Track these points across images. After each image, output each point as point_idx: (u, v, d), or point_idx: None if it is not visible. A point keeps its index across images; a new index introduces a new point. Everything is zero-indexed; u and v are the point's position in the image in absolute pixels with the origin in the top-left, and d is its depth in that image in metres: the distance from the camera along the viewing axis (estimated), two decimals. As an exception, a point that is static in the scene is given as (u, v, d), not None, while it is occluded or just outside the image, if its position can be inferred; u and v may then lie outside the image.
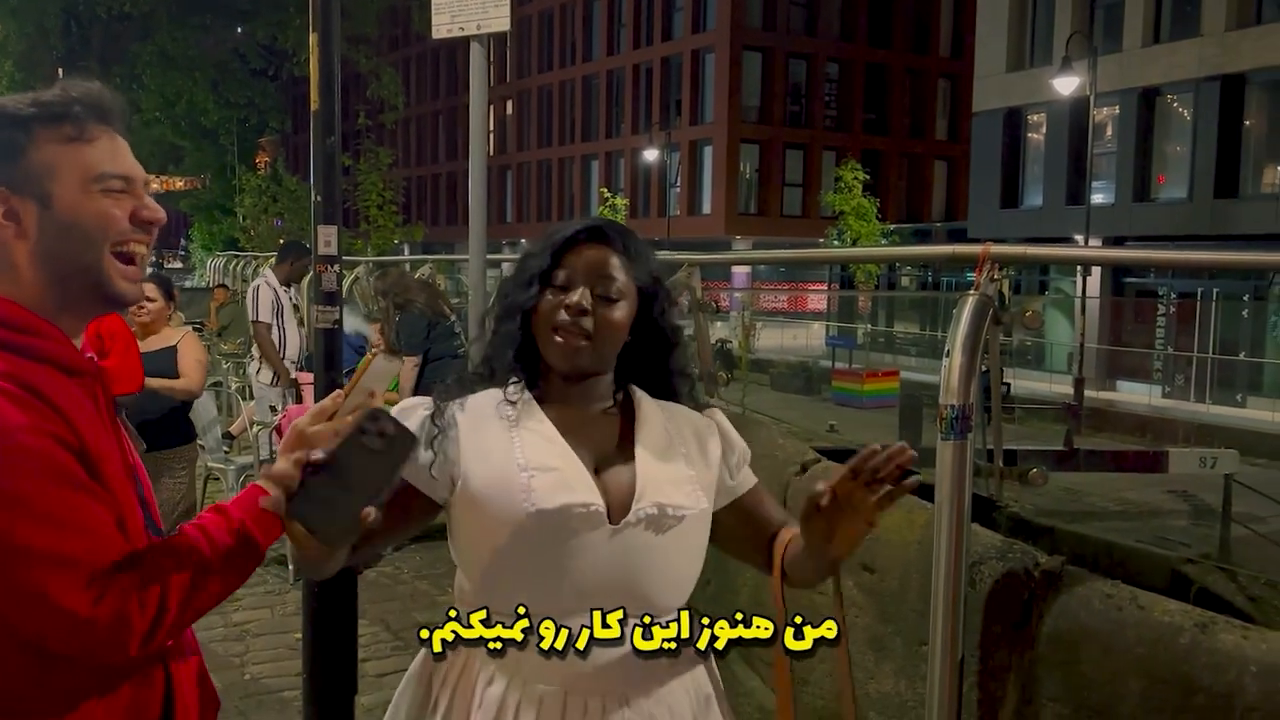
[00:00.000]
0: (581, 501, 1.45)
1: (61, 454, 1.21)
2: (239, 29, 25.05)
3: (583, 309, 1.50)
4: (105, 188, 1.31)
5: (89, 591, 1.18)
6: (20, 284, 1.29)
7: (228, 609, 5.04)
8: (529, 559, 1.46)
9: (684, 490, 1.54)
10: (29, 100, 1.31)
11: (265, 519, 1.31)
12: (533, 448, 1.49)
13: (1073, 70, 18.71)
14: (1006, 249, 2.45)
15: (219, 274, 20.39)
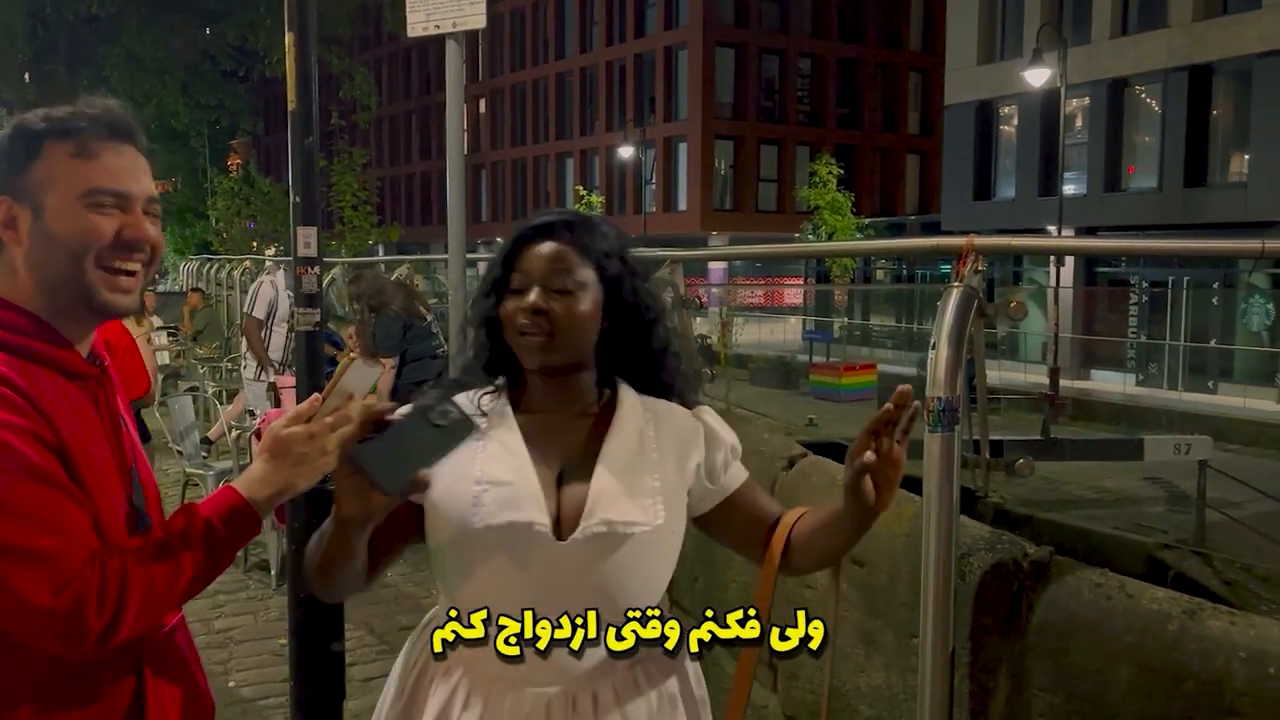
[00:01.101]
0: (526, 520, 1.48)
1: (38, 452, 1.23)
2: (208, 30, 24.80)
3: (537, 308, 1.51)
4: (94, 203, 1.35)
5: (50, 585, 1.20)
6: (18, 287, 1.35)
7: (210, 616, 5.01)
8: (483, 569, 1.50)
9: (640, 504, 1.53)
10: (42, 115, 1.37)
11: (235, 522, 1.36)
12: (493, 460, 1.52)
13: (1043, 62, 18.85)
14: (990, 241, 2.45)
15: (193, 278, 20.22)
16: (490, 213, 46.75)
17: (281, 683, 4.10)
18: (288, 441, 1.40)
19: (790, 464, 3.10)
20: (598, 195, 35.24)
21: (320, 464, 1.42)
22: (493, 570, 1.50)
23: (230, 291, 15.74)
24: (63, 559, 1.22)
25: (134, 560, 1.27)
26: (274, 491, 1.41)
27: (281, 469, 1.41)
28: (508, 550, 1.49)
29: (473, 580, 1.52)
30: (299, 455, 1.41)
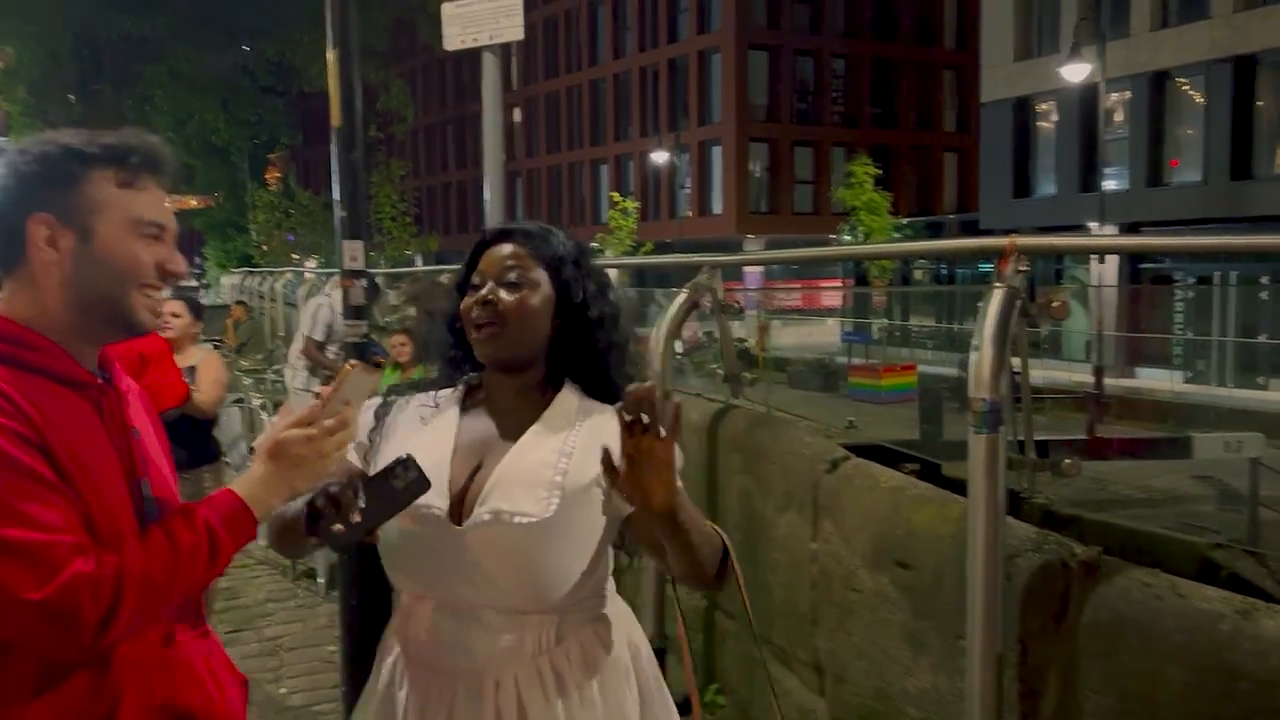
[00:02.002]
0: (424, 504, 1.55)
1: (20, 449, 1.26)
2: (247, 47, 25.17)
3: (486, 300, 1.62)
4: (143, 233, 1.42)
5: (37, 578, 1.22)
6: (41, 303, 1.39)
7: (260, 624, 5.08)
8: (397, 548, 1.63)
9: (535, 495, 1.58)
10: (93, 140, 1.40)
11: (234, 523, 1.39)
12: (419, 446, 1.59)
13: (1081, 57, 18.63)
14: (1032, 240, 2.44)
15: (235, 291, 20.51)
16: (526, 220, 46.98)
17: (331, 689, 4.15)
18: (287, 445, 1.44)
19: (833, 467, 3.10)
20: (633, 200, 35.25)
21: (318, 467, 1.46)
22: (402, 550, 1.63)
23: (272, 303, 15.96)
24: (48, 552, 1.24)
25: (131, 556, 1.30)
26: (273, 494, 1.44)
27: (281, 472, 1.44)
28: (412, 531, 1.59)
29: (390, 558, 1.66)
30: (297, 459, 1.44)
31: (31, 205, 1.37)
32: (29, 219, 1.36)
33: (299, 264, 25.13)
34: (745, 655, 3.57)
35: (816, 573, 3.08)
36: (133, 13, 21.20)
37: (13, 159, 1.40)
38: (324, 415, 1.45)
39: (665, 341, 3.75)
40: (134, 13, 21.21)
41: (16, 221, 1.37)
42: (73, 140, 1.40)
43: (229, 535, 1.38)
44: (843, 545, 2.94)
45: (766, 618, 3.41)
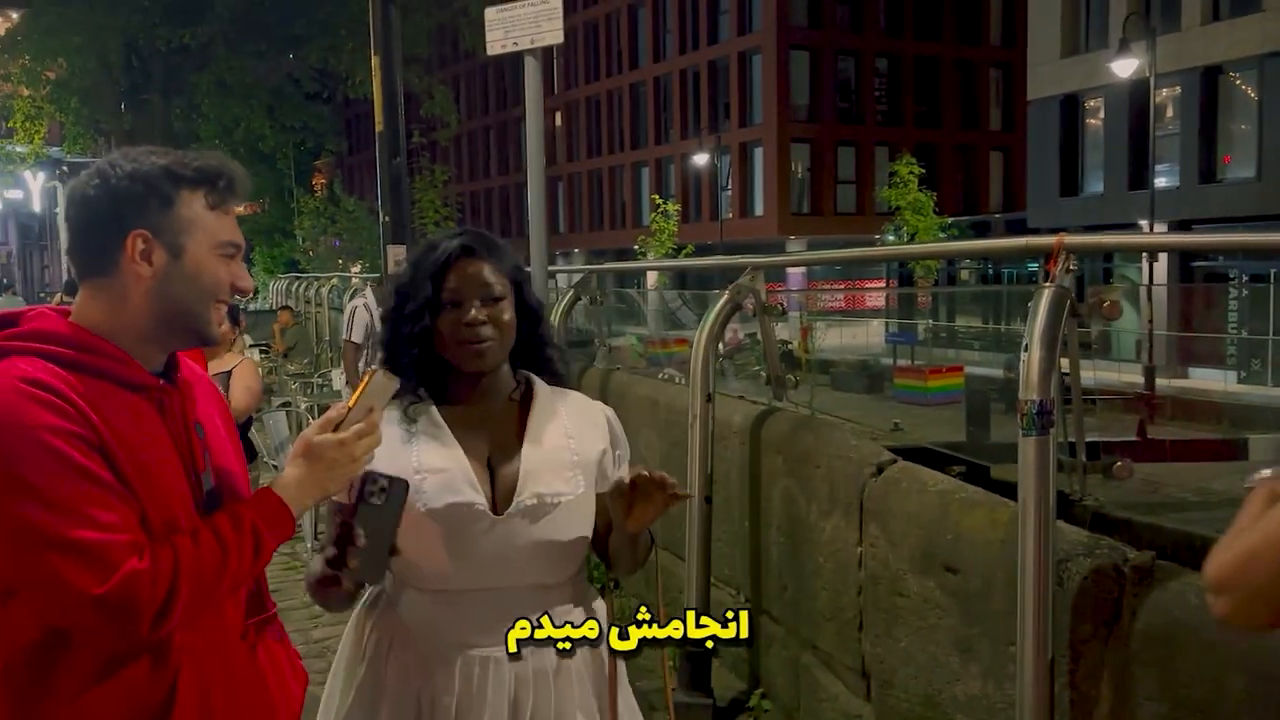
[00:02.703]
0: (466, 500, 1.71)
1: (78, 451, 1.33)
2: (292, 55, 25.49)
3: (480, 320, 1.73)
4: (223, 253, 1.52)
5: (97, 574, 1.30)
6: (123, 310, 1.48)
7: (307, 626, 5.12)
8: (430, 549, 1.72)
9: (564, 477, 1.77)
10: (186, 162, 1.50)
11: (273, 520, 1.47)
12: (427, 451, 1.74)
13: (1130, 52, 18.34)
14: (1081, 239, 2.40)
15: (282, 296, 20.77)
16: (568, 224, 47.15)
17: (378, 691, 4.18)
18: (320, 448, 1.51)
19: (879, 470, 3.07)
20: (674, 203, 35.27)
21: (349, 470, 1.54)
22: (440, 549, 1.72)
23: (318, 308, 16.14)
24: (106, 550, 1.32)
25: (184, 552, 1.37)
26: (307, 494, 1.52)
27: (314, 473, 1.52)
28: (450, 529, 1.71)
29: (420, 557, 1.74)
30: (330, 461, 1.52)
31: (132, 221, 1.45)
32: (128, 233, 1.44)
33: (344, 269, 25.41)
34: (791, 660, 3.55)
35: (863, 577, 3.05)
36: (182, 23, 21.57)
37: (106, 173, 1.46)
38: (350, 420, 1.54)
39: (706, 344, 3.74)
40: (183, 23, 21.57)
41: (115, 235, 1.45)
42: (168, 161, 1.49)
43: (270, 533, 1.47)
44: (889, 549, 2.91)
45: (811, 622, 3.38)
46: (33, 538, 1.31)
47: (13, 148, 24.41)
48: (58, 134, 25.66)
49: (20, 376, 1.35)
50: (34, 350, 1.40)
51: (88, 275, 1.48)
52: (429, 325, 1.74)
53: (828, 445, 3.35)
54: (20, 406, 1.32)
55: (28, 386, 1.34)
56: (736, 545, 3.91)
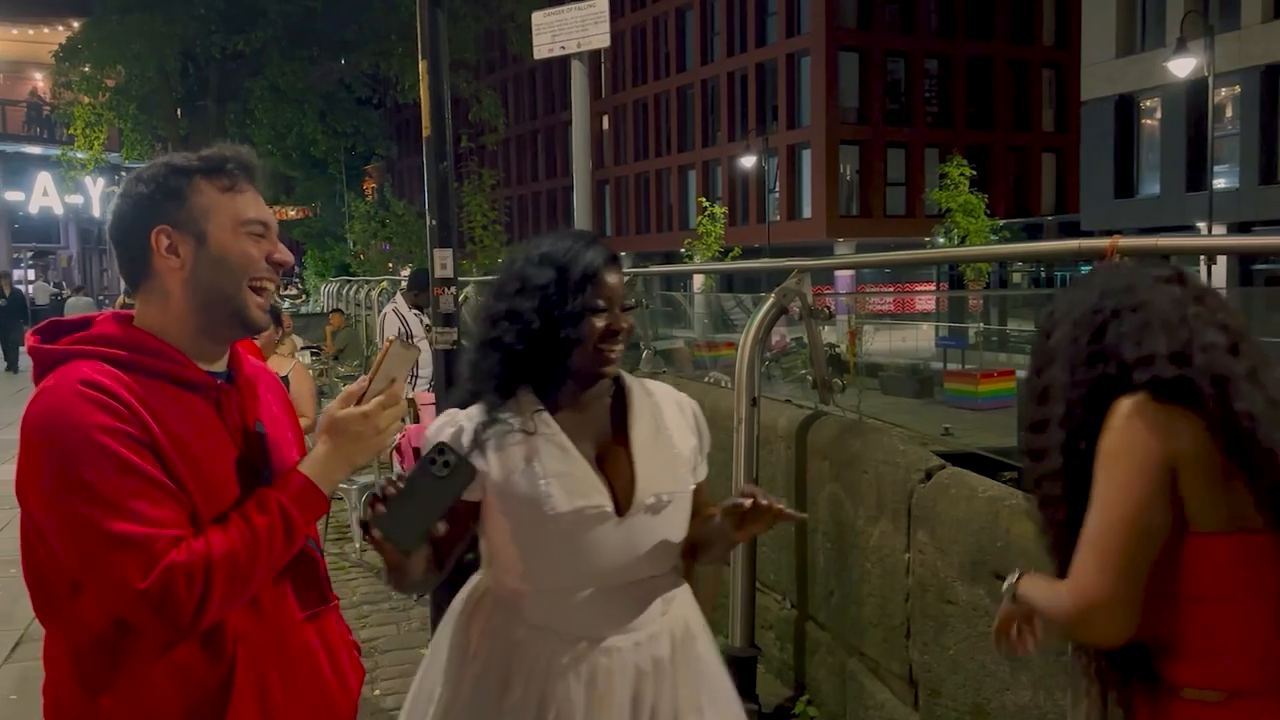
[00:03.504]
0: (593, 504, 1.76)
1: (128, 448, 1.39)
2: (343, 60, 25.81)
3: (622, 327, 1.81)
4: (249, 231, 1.56)
5: (140, 568, 1.36)
6: (170, 308, 1.54)
7: (354, 625, 5.17)
8: (554, 551, 1.77)
9: (675, 474, 1.85)
10: (193, 156, 1.57)
11: (302, 499, 1.50)
12: (549, 457, 1.77)
13: (1188, 51, 17.99)
14: (1136, 241, 2.35)
15: (333, 299, 21.03)
16: (614, 227, 47.26)
17: (424, 691, 4.20)
18: (345, 422, 1.54)
19: (928, 476, 3.03)
20: (720, 206, 35.19)
21: (375, 442, 1.56)
22: (565, 551, 1.76)
23: (369, 311, 16.32)
24: (151, 545, 1.37)
25: (215, 542, 1.41)
26: (335, 469, 1.55)
27: (341, 448, 1.54)
28: (575, 532, 1.75)
29: (546, 562, 1.78)
30: (355, 434, 1.54)
31: (151, 221, 1.52)
32: (151, 232, 1.52)
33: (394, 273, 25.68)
34: (837, 667, 3.51)
35: (910, 584, 3.01)
36: (237, 31, 21.95)
37: (128, 188, 1.56)
38: (372, 392, 1.55)
39: (752, 347, 3.72)
40: (238, 31, 21.95)
41: (141, 239, 1.52)
42: (175, 159, 1.57)
43: (300, 513, 1.50)
44: (938, 556, 2.87)
45: (858, 628, 3.34)
46: (86, 531, 1.37)
47: (73, 154, 24.94)
48: (116, 140, 26.19)
49: (80, 379, 1.42)
50: (95, 354, 1.48)
51: (135, 283, 1.56)
52: (585, 332, 1.77)
53: (875, 450, 3.31)
54: (77, 407, 1.39)
55: (85, 388, 1.41)
56: (782, 550, 3.89)
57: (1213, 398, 1.35)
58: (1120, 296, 1.45)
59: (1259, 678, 1.39)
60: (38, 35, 30.71)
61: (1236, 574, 1.37)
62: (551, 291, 1.77)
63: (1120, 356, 1.41)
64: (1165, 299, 1.43)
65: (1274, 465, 1.34)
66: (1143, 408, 1.37)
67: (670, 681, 1.82)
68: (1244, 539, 1.36)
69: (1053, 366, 1.48)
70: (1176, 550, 1.37)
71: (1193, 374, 1.36)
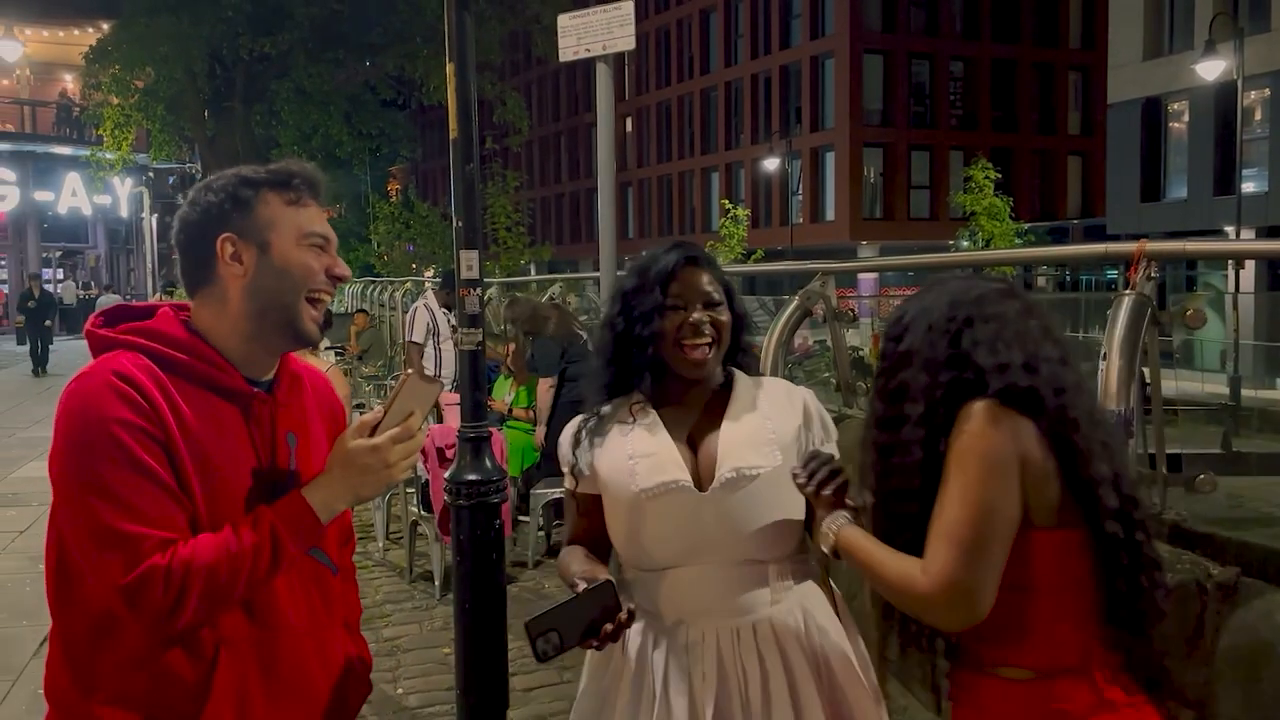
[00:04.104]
0: (672, 478, 1.82)
1: (140, 446, 1.42)
2: (369, 62, 25.94)
3: (702, 321, 1.86)
4: (311, 243, 1.60)
5: (124, 564, 1.39)
6: (226, 313, 1.58)
7: (378, 625, 5.20)
8: (644, 527, 1.84)
9: (761, 451, 1.84)
10: (263, 169, 1.62)
11: (295, 524, 1.50)
12: (639, 440, 1.87)
13: (1217, 54, 17.83)
14: (1164, 245, 2.35)
15: (357, 299, 21.13)
16: (637, 229, 47.26)
17: (446, 691, 4.23)
18: (354, 454, 1.53)
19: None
20: (743, 208, 35.12)
21: (383, 476, 1.55)
22: (652, 526, 1.83)
23: (393, 312, 16.40)
24: (141, 543, 1.40)
25: (199, 552, 1.43)
26: (338, 499, 1.55)
27: (348, 478, 1.54)
28: (661, 508, 1.82)
29: (640, 537, 1.85)
30: (364, 466, 1.53)
31: (218, 229, 1.57)
32: (217, 239, 1.56)
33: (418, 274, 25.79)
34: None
35: None
36: (263, 33, 22.12)
37: (198, 196, 1.61)
38: (387, 424, 1.53)
39: (775, 350, 3.72)
40: (264, 33, 22.12)
41: (207, 244, 1.57)
42: (245, 170, 1.62)
43: (291, 537, 1.50)
44: (961, 560, 2.86)
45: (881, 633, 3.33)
46: (86, 519, 1.42)
47: (102, 155, 25.20)
48: (144, 141, 26.43)
49: (114, 369, 1.46)
50: (139, 346, 1.51)
51: (196, 287, 1.60)
52: (658, 328, 1.86)
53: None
54: (103, 398, 1.43)
55: (116, 380, 1.45)
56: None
57: (1054, 406, 1.48)
58: (972, 307, 1.56)
59: (1068, 658, 1.51)
60: (68, 37, 31.06)
61: (1055, 565, 1.50)
62: (630, 295, 1.91)
63: (977, 363, 1.51)
64: (1011, 312, 1.56)
65: (1087, 466, 1.48)
66: (995, 411, 1.48)
67: (773, 671, 1.80)
68: (1064, 534, 1.49)
69: (908, 368, 1.58)
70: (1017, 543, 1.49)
71: (1038, 383, 1.49)
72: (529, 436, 6.66)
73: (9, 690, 4.47)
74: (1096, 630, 1.52)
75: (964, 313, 1.56)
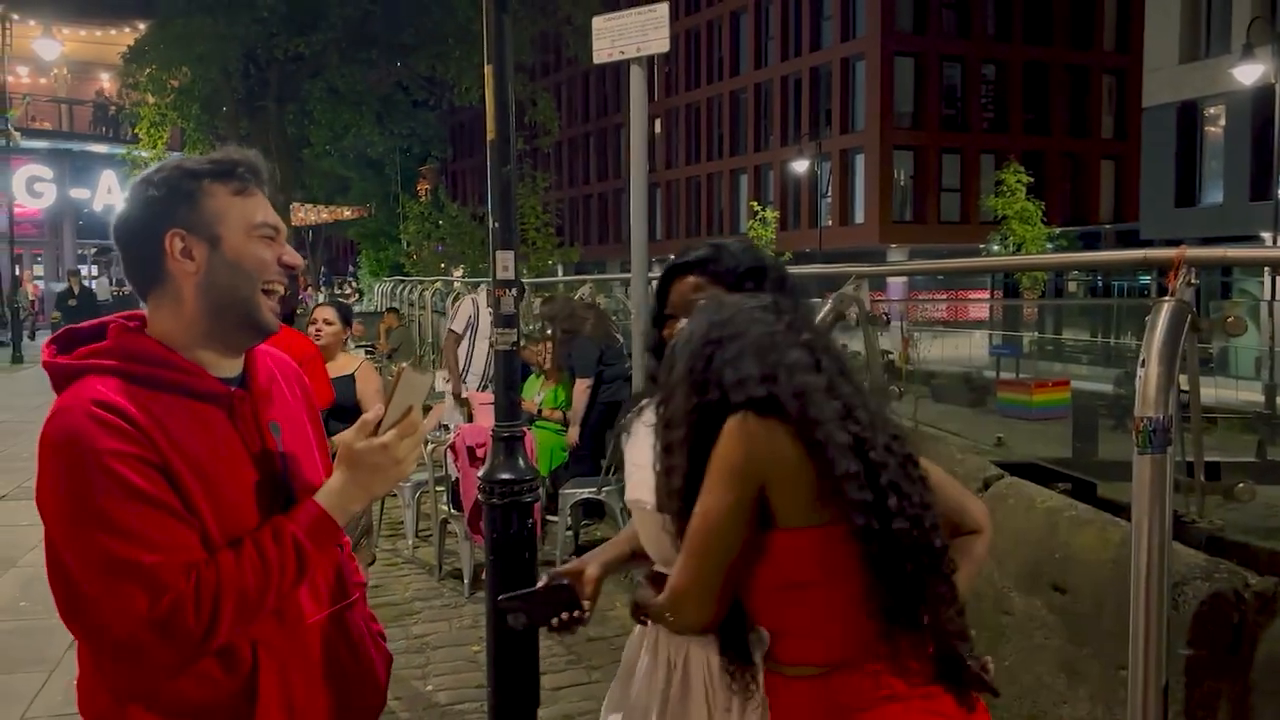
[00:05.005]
0: (635, 497, 1.92)
1: (138, 474, 1.38)
2: (400, 63, 26.08)
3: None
4: (261, 234, 1.55)
5: (148, 596, 1.36)
6: (182, 313, 1.52)
7: (407, 622, 5.24)
8: (642, 534, 1.94)
9: None
10: (204, 159, 1.56)
11: (316, 531, 1.49)
12: (642, 448, 1.86)
13: (1255, 57, 17.61)
14: (1204, 252, 2.33)
15: (387, 298, 21.26)
16: (665, 231, 47.25)
17: (476, 689, 4.25)
18: (363, 454, 1.52)
19: (985, 486, 3.01)
20: (772, 210, 35.02)
21: (394, 472, 1.54)
22: (645, 536, 1.93)
23: (422, 311, 16.49)
24: (159, 572, 1.36)
25: (226, 572, 1.41)
26: (352, 500, 1.53)
27: (359, 479, 1.53)
28: (640, 517, 1.92)
29: (645, 544, 1.95)
30: (374, 465, 1.52)
31: (165, 224, 1.50)
32: (165, 235, 1.50)
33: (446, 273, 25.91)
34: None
35: (966, 593, 2.99)
36: (298, 33, 22.30)
37: (139, 191, 1.54)
38: (388, 421, 1.52)
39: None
40: (299, 33, 22.30)
41: (154, 241, 1.50)
42: (185, 161, 1.56)
43: (314, 545, 1.49)
44: (994, 566, 2.85)
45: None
46: (96, 556, 1.37)
47: (138, 153, 25.49)
48: (178, 139, 26.71)
49: (92, 399, 1.41)
50: (109, 369, 1.47)
51: (146, 288, 1.54)
52: (659, 337, 1.92)
53: (933, 459, 3.28)
54: (89, 430, 1.39)
55: (97, 409, 1.40)
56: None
57: (796, 409, 1.53)
58: (722, 328, 1.63)
59: (848, 652, 1.56)
60: (105, 37, 31.40)
61: (819, 562, 1.55)
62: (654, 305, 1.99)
63: (722, 382, 1.58)
64: (759, 328, 1.62)
65: (831, 464, 1.52)
66: (741, 424, 1.55)
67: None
68: (825, 530, 1.53)
69: (675, 396, 1.65)
70: (766, 546, 1.55)
71: (778, 390, 1.55)
72: (559, 436, 6.69)
73: (46, 680, 4.54)
74: (871, 624, 1.54)
75: (715, 334, 1.62)
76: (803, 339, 1.62)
